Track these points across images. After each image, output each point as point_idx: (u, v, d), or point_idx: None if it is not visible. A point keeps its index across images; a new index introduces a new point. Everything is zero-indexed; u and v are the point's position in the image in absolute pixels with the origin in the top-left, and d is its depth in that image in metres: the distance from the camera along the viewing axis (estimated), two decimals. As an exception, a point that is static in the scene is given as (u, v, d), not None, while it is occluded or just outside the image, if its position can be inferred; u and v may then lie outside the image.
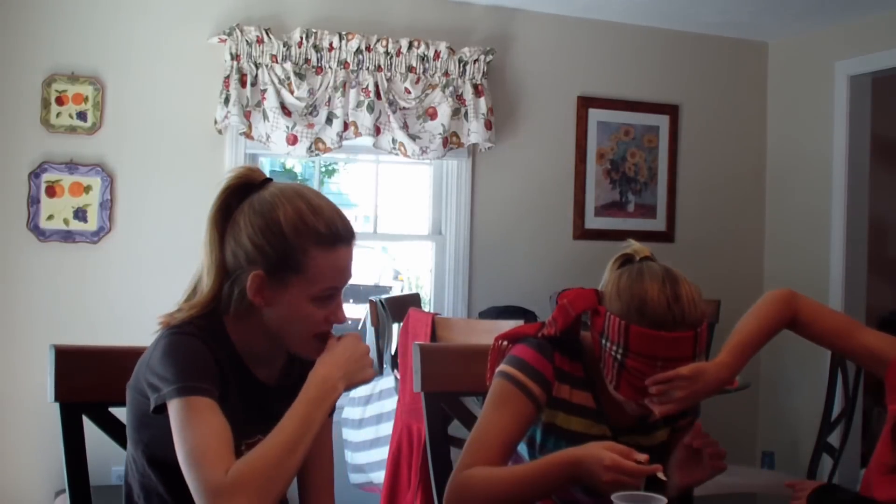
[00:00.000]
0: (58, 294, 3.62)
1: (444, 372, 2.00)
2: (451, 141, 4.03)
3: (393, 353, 3.58)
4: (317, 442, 1.43)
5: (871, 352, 1.79)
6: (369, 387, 3.49)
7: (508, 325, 2.95)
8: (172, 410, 1.36)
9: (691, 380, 1.58)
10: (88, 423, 1.73)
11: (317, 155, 3.83)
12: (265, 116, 3.73)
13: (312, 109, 3.81)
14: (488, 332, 2.98)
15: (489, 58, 4.08)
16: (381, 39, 3.90)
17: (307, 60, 3.81)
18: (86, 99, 3.63)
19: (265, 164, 4.32)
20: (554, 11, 4.36)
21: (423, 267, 4.49)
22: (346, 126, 3.84)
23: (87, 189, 3.64)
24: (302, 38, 3.78)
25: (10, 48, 3.57)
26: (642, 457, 1.44)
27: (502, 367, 1.71)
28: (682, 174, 4.67)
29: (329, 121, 3.82)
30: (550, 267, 4.36)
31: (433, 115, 3.99)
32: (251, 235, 1.45)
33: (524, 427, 1.67)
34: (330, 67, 3.84)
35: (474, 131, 4.03)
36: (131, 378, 1.50)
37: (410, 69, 3.96)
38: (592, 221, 4.46)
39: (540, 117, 4.37)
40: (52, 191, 3.60)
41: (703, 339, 1.60)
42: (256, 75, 3.74)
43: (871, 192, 4.41)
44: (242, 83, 3.70)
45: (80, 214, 3.63)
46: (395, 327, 3.59)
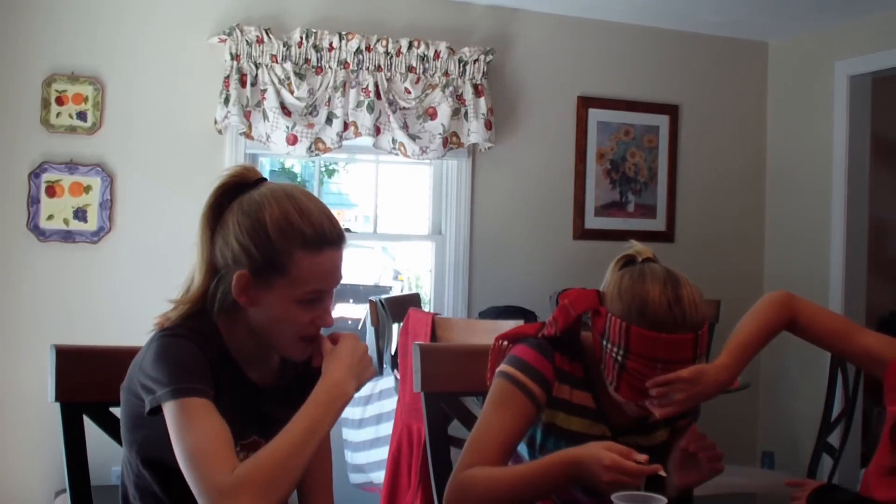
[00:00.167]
0: (58, 294, 3.62)
1: (444, 372, 2.00)
2: (451, 141, 4.03)
3: (393, 353, 3.58)
4: None
5: (869, 353, 1.80)
6: (369, 386, 3.49)
7: (508, 325, 2.95)
8: (168, 413, 1.35)
9: (691, 382, 1.58)
10: (89, 423, 1.73)
11: (317, 155, 3.83)
12: (265, 116, 3.73)
13: (312, 109, 3.81)
14: (488, 332, 2.99)
15: (489, 58, 4.08)
16: (381, 39, 3.90)
17: (307, 60, 3.81)
18: (86, 99, 3.64)
19: (265, 164, 4.32)
20: (554, 11, 4.36)
21: (423, 267, 4.49)
22: (346, 126, 3.84)
23: (87, 189, 3.64)
24: (302, 38, 3.78)
25: (10, 48, 3.57)
26: (642, 457, 1.45)
27: (502, 367, 1.71)
28: (682, 174, 4.67)
29: (329, 121, 3.82)
30: (550, 267, 4.36)
31: (433, 115, 3.99)
32: (238, 235, 1.45)
33: (524, 427, 1.67)
34: (330, 67, 3.84)
35: (474, 131, 4.03)
36: (124, 380, 1.50)
37: (410, 69, 3.96)
38: (592, 221, 4.46)
39: (540, 117, 4.37)
40: (52, 191, 3.60)
41: (704, 341, 1.60)
42: (256, 75, 3.74)
43: (871, 192, 4.40)
44: (242, 83, 3.70)
45: (80, 214, 3.64)
46: (395, 327, 3.59)
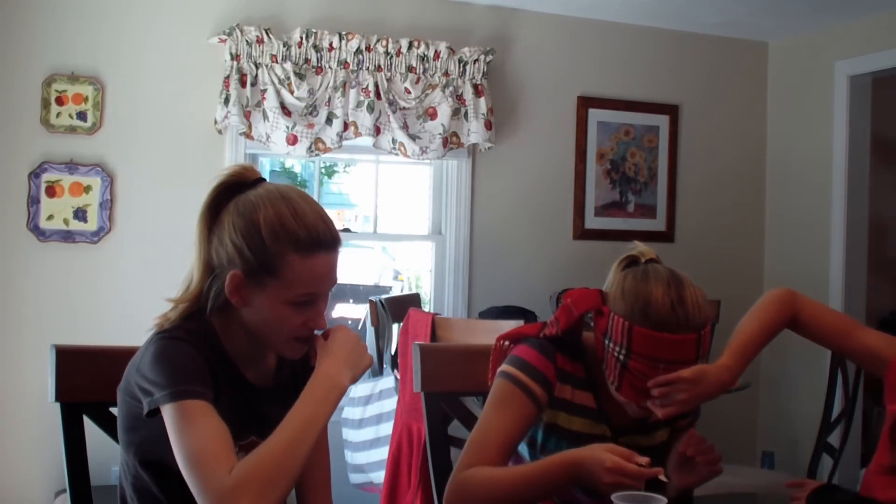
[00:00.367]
0: (58, 294, 3.62)
1: (444, 372, 2.00)
2: (451, 141, 4.03)
3: (393, 353, 3.58)
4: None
5: (870, 351, 1.80)
6: (369, 386, 3.49)
7: (508, 325, 2.95)
8: (167, 415, 1.35)
9: (693, 382, 1.58)
10: (89, 423, 1.73)
11: (317, 155, 3.83)
12: (265, 116, 3.73)
13: (312, 109, 3.81)
14: (488, 332, 2.99)
15: (489, 58, 4.08)
16: (381, 39, 3.90)
17: (307, 60, 3.81)
18: (86, 99, 3.63)
19: (265, 164, 4.32)
20: (554, 11, 4.36)
21: (423, 267, 4.49)
22: (346, 126, 3.84)
23: (87, 189, 3.64)
24: (302, 38, 3.78)
25: (10, 48, 3.57)
26: (643, 460, 1.45)
27: (504, 367, 1.70)
28: (682, 174, 4.67)
29: (329, 121, 3.82)
30: (550, 267, 4.36)
31: (433, 115, 3.99)
32: (232, 236, 1.45)
33: (525, 427, 1.67)
34: (330, 67, 3.84)
35: (474, 131, 4.03)
36: (121, 382, 1.50)
37: (410, 69, 3.96)
38: (592, 221, 4.46)
39: (540, 117, 4.37)
40: (52, 191, 3.60)
41: (707, 341, 1.60)
42: (256, 75, 3.74)
43: (871, 192, 4.40)
44: (242, 83, 3.70)
45: (80, 214, 3.63)
46: (395, 327, 3.59)
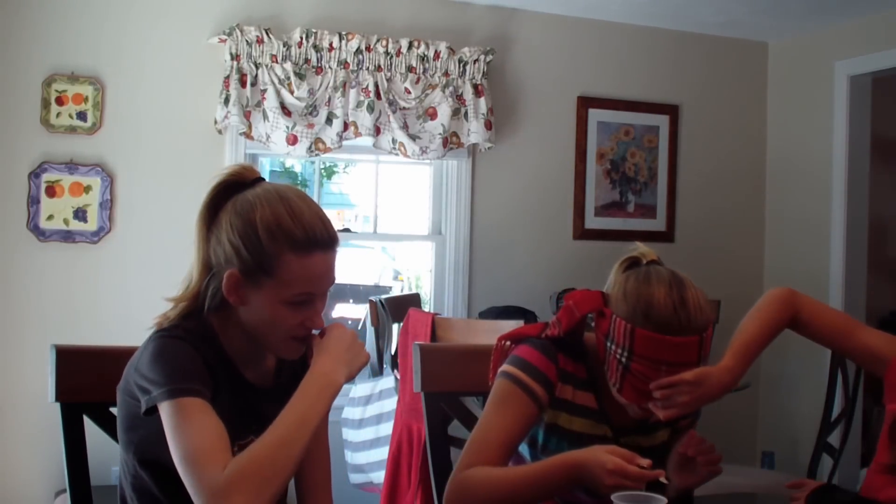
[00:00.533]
0: (58, 294, 3.62)
1: (444, 372, 2.00)
2: (451, 141, 4.03)
3: (393, 353, 3.58)
4: (314, 441, 1.43)
5: (871, 351, 1.79)
6: (369, 386, 3.49)
7: (508, 325, 2.95)
8: (164, 413, 1.35)
9: (695, 385, 1.57)
10: (89, 423, 1.73)
11: (317, 155, 3.83)
12: (265, 116, 3.73)
13: (312, 109, 3.81)
14: (488, 332, 2.99)
15: (489, 58, 4.08)
16: (381, 39, 3.90)
17: (307, 60, 3.81)
18: (86, 99, 3.63)
19: (265, 164, 4.32)
20: (554, 11, 4.36)
21: (423, 267, 4.49)
22: (346, 126, 3.84)
23: (87, 189, 3.64)
24: (302, 38, 3.78)
25: (10, 48, 3.57)
26: (645, 462, 1.44)
27: (505, 367, 1.70)
28: (682, 174, 4.67)
29: (329, 121, 3.82)
30: (550, 267, 4.36)
31: (433, 115, 3.99)
32: (229, 235, 1.45)
33: (526, 428, 1.67)
34: (330, 67, 3.84)
35: (474, 131, 4.03)
36: (121, 381, 1.50)
37: (410, 69, 3.96)
38: (592, 221, 4.46)
39: (540, 117, 4.37)
40: (52, 191, 3.60)
41: (709, 344, 1.60)
42: (256, 75, 3.74)
43: (871, 192, 4.40)
44: (242, 83, 3.70)
45: (80, 214, 3.63)
46: (395, 327, 3.59)
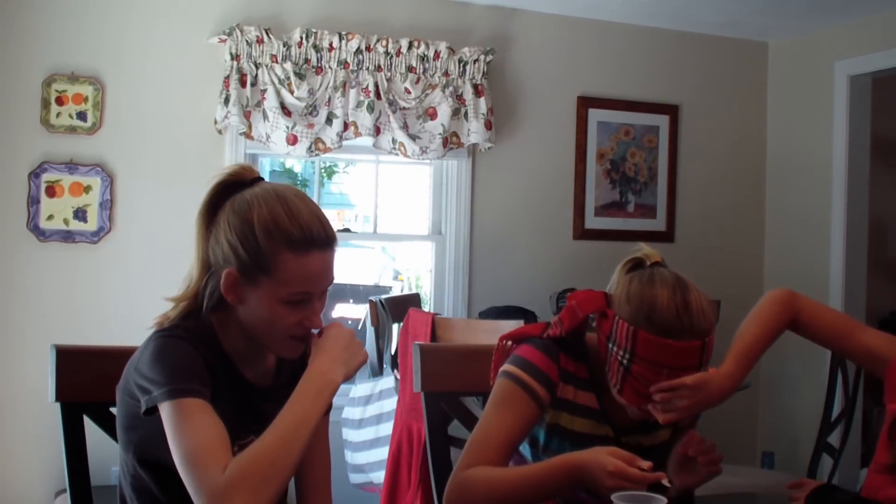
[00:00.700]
0: (58, 294, 3.61)
1: (444, 372, 2.00)
2: (451, 141, 4.03)
3: (393, 353, 3.58)
4: (313, 441, 1.43)
5: (870, 351, 1.79)
6: (369, 386, 3.49)
7: (508, 324, 2.95)
8: (165, 413, 1.36)
9: (695, 389, 1.57)
10: (89, 423, 1.73)
11: (317, 155, 3.83)
12: (265, 116, 3.73)
13: (312, 109, 3.81)
14: (488, 332, 2.99)
15: (489, 58, 4.08)
16: (381, 39, 3.90)
17: (307, 60, 3.81)
18: (86, 99, 3.63)
19: (265, 164, 4.32)
20: (554, 11, 4.36)
21: (423, 267, 4.49)
22: (346, 126, 3.84)
23: (87, 189, 3.64)
24: (302, 38, 3.78)
25: (10, 48, 3.57)
26: (646, 464, 1.44)
27: (506, 366, 1.70)
28: (682, 174, 4.67)
29: (329, 121, 3.82)
30: (550, 267, 4.36)
31: (433, 115, 3.99)
32: (227, 234, 1.46)
33: (526, 428, 1.67)
34: (330, 67, 3.84)
35: (474, 131, 4.03)
36: (120, 380, 1.50)
37: (410, 69, 3.96)
38: (592, 221, 4.46)
39: (540, 117, 4.37)
40: (52, 191, 3.60)
41: (711, 348, 1.60)
42: (256, 75, 3.74)
43: (871, 192, 4.40)
44: (242, 83, 3.70)
45: (80, 214, 3.63)
46: (395, 327, 3.59)
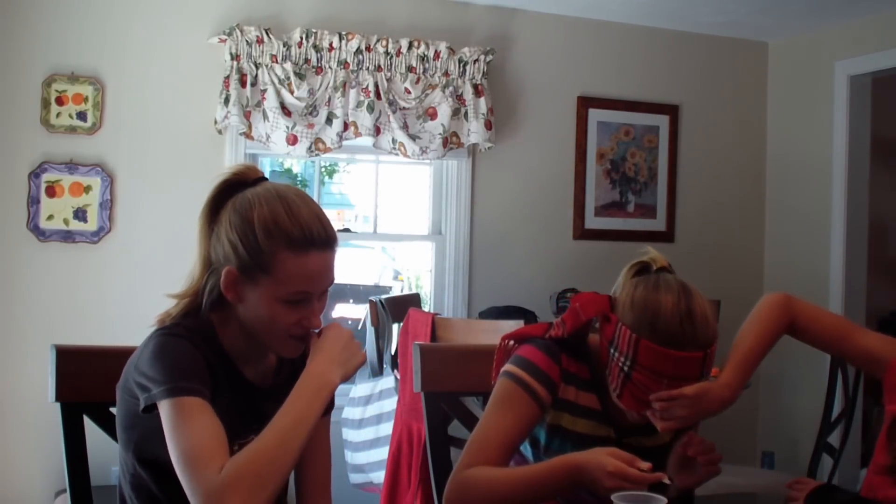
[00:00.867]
0: (58, 294, 3.61)
1: (444, 372, 2.00)
2: (451, 141, 4.03)
3: (393, 353, 3.58)
4: (314, 441, 1.43)
5: (869, 353, 1.78)
6: (369, 386, 3.49)
7: (508, 325, 2.95)
8: (164, 412, 1.36)
9: (695, 400, 1.57)
10: (89, 423, 1.73)
11: (317, 155, 3.83)
12: (265, 116, 3.73)
13: (312, 109, 3.81)
14: (488, 332, 2.99)
15: (489, 58, 4.08)
16: (381, 39, 3.90)
17: (307, 60, 3.81)
18: (86, 99, 3.63)
19: (265, 164, 4.32)
20: (554, 11, 4.36)
21: (423, 267, 4.49)
22: (346, 126, 3.84)
23: (87, 189, 3.64)
24: (302, 38, 3.78)
25: (10, 48, 3.57)
26: (646, 465, 1.44)
27: (508, 367, 1.70)
28: (682, 174, 4.67)
29: (329, 121, 3.82)
30: (550, 267, 4.36)
31: (433, 115, 3.99)
32: (228, 233, 1.46)
33: (527, 428, 1.67)
34: (330, 67, 3.84)
35: (474, 131, 4.03)
36: (120, 379, 1.50)
37: (410, 69, 3.96)
38: (592, 221, 4.46)
39: (540, 117, 4.37)
40: (52, 191, 3.60)
41: (712, 359, 1.59)
42: (256, 75, 3.74)
43: (871, 192, 4.40)
44: (242, 83, 3.70)
45: (80, 214, 3.63)
46: (395, 327, 3.59)
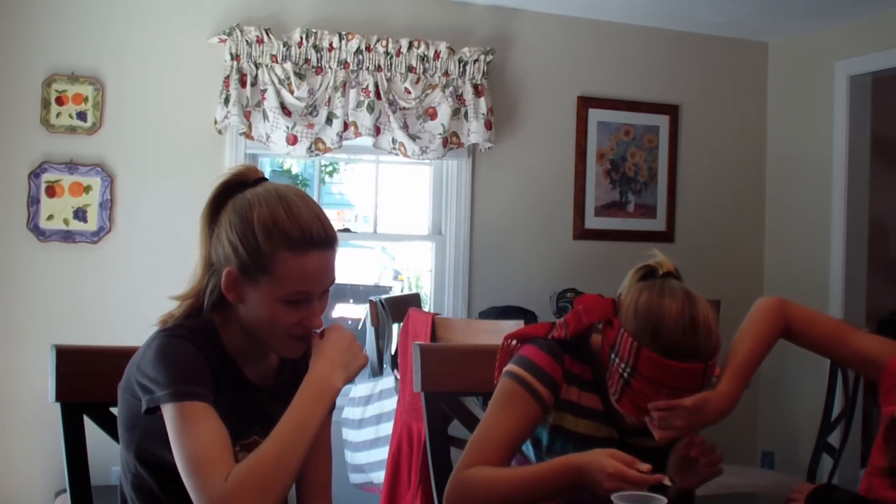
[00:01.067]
0: (58, 294, 3.61)
1: (444, 372, 2.00)
2: (451, 141, 4.03)
3: (393, 353, 3.58)
4: (315, 442, 1.43)
5: (865, 356, 1.78)
6: (369, 386, 3.49)
7: (508, 324, 2.95)
8: (168, 416, 1.36)
9: (693, 411, 1.56)
10: (89, 423, 1.73)
11: (317, 155, 3.83)
12: (265, 116, 3.73)
13: (312, 109, 3.81)
14: (488, 332, 2.99)
15: (489, 58, 4.08)
16: (381, 39, 3.90)
17: (307, 60, 3.81)
18: (86, 99, 3.63)
19: (265, 164, 4.32)
20: (554, 11, 4.36)
21: (423, 267, 4.49)
22: (346, 126, 3.84)
23: (87, 189, 3.64)
24: (302, 38, 3.78)
25: (10, 48, 3.57)
26: (645, 466, 1.44)
27: (510, 366, 1.70)
28: (682, 174, 4.67)
29: (329, 121, 3.82)
30: (550, 267, 4.36)
31: (433, 115, 3.99)
32: (228, 234, 1.47)
33: (529, 428, 1.66)
34: (330, 67, 3.84)
35: (474, 131, 4.03)
36: (122, 379, 1.50)
37: (410, 69, 3.96)
38: (592, 221, 4.46)
39: (540, 117, 4.37)
40: (52, 191, 3.60)
41: (713, 371, 1.58)
42: (256, 75, 3.74)
43: (871, 192, 4.40)
44: (242, 83, 3.70)
45: (80, 214, 3.63)
46: (395, 327, 3.59)
